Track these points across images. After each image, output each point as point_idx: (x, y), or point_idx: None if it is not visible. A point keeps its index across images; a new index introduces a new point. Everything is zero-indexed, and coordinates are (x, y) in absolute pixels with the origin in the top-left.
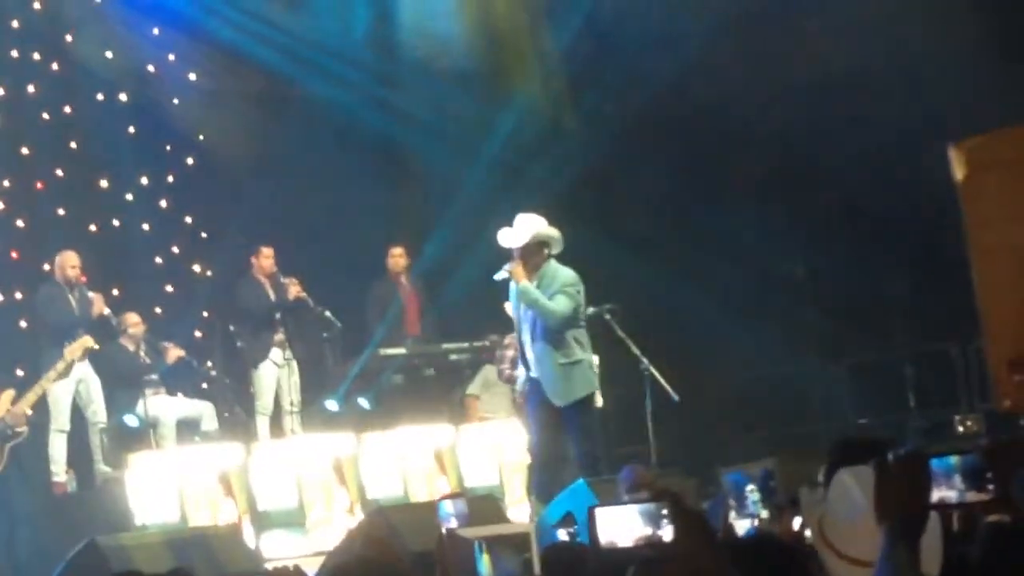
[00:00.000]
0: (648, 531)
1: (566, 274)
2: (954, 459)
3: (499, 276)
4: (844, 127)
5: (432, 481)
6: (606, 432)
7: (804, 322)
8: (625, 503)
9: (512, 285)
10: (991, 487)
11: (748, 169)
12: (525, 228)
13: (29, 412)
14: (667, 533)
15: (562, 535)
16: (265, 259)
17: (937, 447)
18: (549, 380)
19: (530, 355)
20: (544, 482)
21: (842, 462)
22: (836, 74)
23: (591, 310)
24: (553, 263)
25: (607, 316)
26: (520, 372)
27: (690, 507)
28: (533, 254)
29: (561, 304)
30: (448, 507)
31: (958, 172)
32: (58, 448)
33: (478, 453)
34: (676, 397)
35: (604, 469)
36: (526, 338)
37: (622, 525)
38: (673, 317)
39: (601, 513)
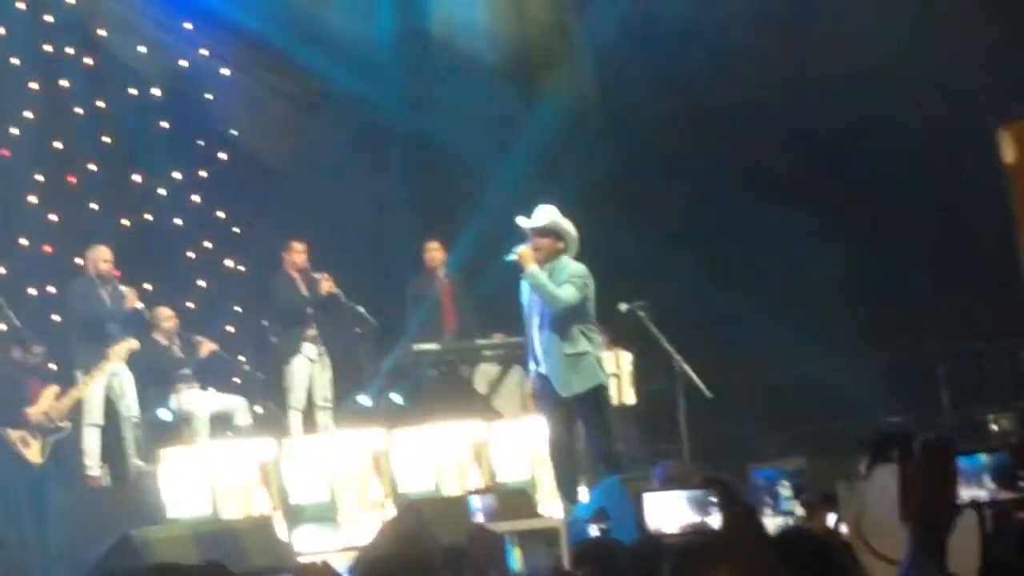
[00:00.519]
0: (695, 518)
1: (576, 266)
2: (984, 457)
3: (509, 257)
4: (877, 124)
5: (464, 476)
6: (639, 429)
7: (836, 319)
8: (674, 489)
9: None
10: (1022, 484)
11: (780, 166)
12: (541, 215)
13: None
14: (715, 520)
15: (593, 530)
16: (296, 254)
17: (968, 445)
18: (555, 371)
19: (539, 348)
20: (566, 478)
21: (880, 455)
22: (869, 71)
23: (623, 306)
24: (565, 258)
25: (640, 312)
26: (531, 367)
27: (739, 495)
28: (546, 241)
29: (567, 292)
30: (476, 501)
31: (1008, 153)
32: (91, 442)
33: (510, 448)
34: (708, 394)
35: (629, 465)
36: (535, 331)
37: (669, 512)
38: (705, 314)
39: (650, 499)
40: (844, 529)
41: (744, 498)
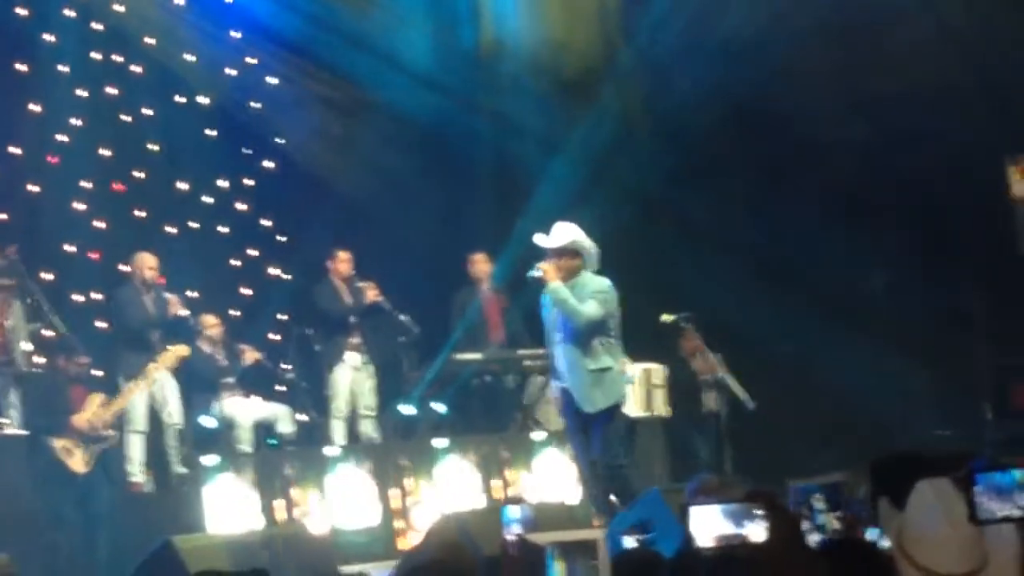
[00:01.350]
0: (730, 530)
1: (599, 282)
2: (1018, 474)
3: (532, 274)
4: (925, 139)
5: (507, 487)
6: (681, 440)
7: (882, 334)
8: (716, 502)
9: (545, 293)
10: None
11: (829, 179)
12: (561, 233)
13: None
14: (752, 532)
15: (629, 542)
16: (341, 263)
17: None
18: (579, 387)
19: (561, 364)
20: (596, 490)
21: (882, 482)
22: (918, 86)
23: (668, 317)
24: (587, 274)
25: (684, 324)
26: (553, 382)
27: (784, 507)
28: (567, 260)
29: (590, 308)
30: (513, 512)
31: (1017, 188)
32: (135, 449)
33: (553, 459)
34: (751, 406)
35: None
36: (557, 347)
37: (709, 524)
38: (750, 326)
39: (696, 512)
40: (885, 543)
41: (788, 511)
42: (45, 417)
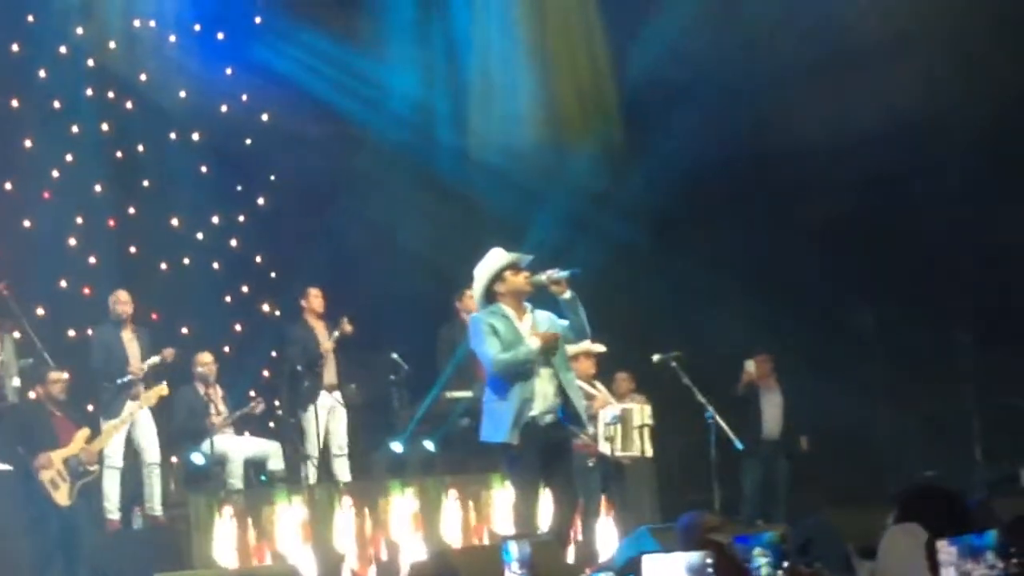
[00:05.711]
0: None
1: None
2: (992, 536)
3: (561, 274)
4: (917, 177)
5: (496, 525)
6: (670, 480)
7: (871, 373)
8: (674, 553)
9: (533, 319)
10: (1014, 561)
11: (818, 218)
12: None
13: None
14: None
15: None
16: (314, 299)
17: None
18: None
19: (547, 386)
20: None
21: (909, 511)
22: (909, 123)
23: (657, 357)
24: None
25: (673, 363)
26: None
27: (732, 556)
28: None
29: None
30: (513, 549)
31: None
32: (111, 485)
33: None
34: (740, 445)
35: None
36: (558, 372)
37: (665, 573)
38: (739, 366)
39: (649, 561)
40: None
41: (735, 561)
42: (28, 451)
